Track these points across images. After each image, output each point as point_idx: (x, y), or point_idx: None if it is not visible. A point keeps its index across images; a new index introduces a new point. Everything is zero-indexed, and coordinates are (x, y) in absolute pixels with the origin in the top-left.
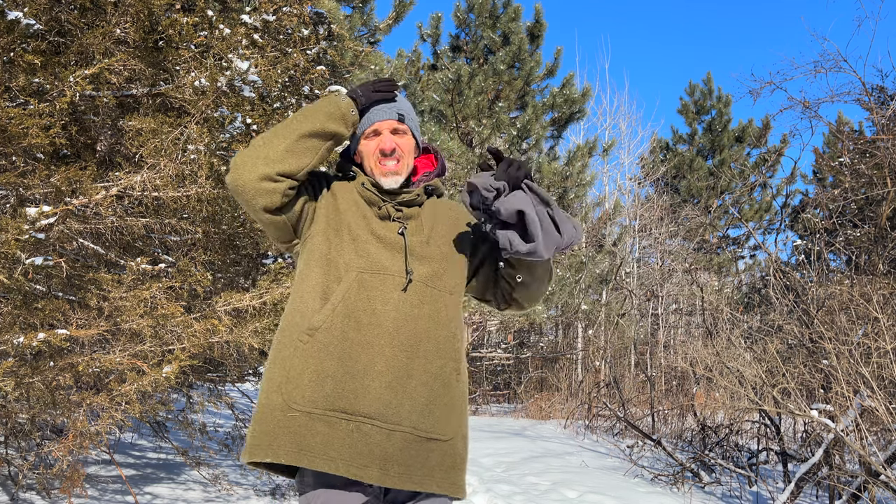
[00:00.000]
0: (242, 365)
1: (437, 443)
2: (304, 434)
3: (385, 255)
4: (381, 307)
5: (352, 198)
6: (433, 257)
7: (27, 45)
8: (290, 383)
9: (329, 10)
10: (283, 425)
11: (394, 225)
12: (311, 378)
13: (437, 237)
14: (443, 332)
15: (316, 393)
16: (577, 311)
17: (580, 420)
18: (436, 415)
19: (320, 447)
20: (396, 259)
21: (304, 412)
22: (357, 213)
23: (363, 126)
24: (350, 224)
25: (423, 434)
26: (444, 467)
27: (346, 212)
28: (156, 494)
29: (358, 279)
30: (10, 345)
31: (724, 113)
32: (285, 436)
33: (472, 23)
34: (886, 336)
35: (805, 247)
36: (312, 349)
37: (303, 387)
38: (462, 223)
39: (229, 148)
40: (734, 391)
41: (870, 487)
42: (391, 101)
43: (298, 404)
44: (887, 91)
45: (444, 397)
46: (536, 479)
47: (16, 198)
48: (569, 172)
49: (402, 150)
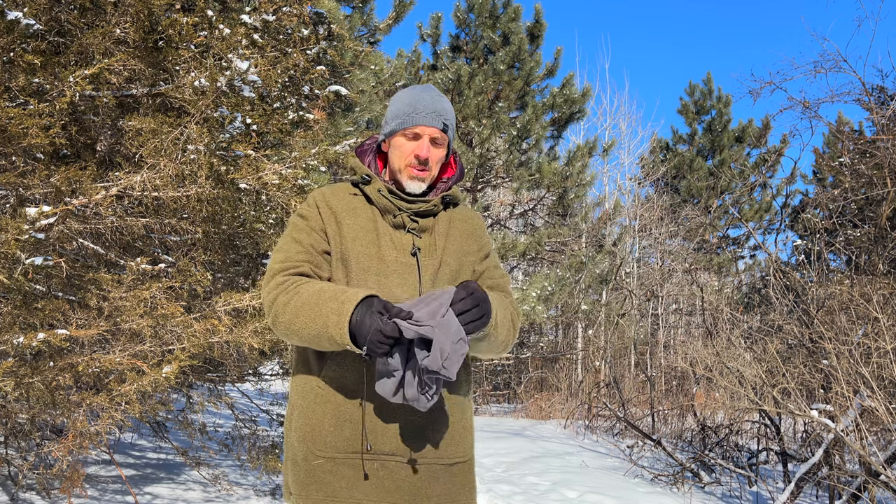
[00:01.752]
0: (242, 365)
1: (459, 465)
2: (329, 481)
3: (396, 283)
4: None
5: (357, 222)
6: (443, 278)
7: (27, 45)
8: (312, 431)
9: (329, 10)
10: (310, 475)
11: (407, 238)
12: (331, 423)
13: (449, 255)
14: None
15: (337, 438)
16: (577, 311)
17: (580, 420)
18: (456, 440)
19: (346, 491)
20: (408, 285)
21: (328, 458)
22: (365, 238)
23: (406, 123)
24: (359, 254)
25: (448, 461)
26: (466, 487)
27: (355, 240)
28: (156, 494)
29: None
30: (10, 345)
31: (724, 113)
32: (313, 485)
33: (472, 23)
34: (886, 336)
35: (805, 247)
36: (330, 394)
37: (324, 434)
38: (474, 238)
39: (229, 148)
40: (734, 391)
41: (870, 487)
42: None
43: (321, 451)
44: (887, 91)
45: (462, 421)
46: (536, 479)
47: (16, 198)
48: (569, 172)
49: (433, 161)
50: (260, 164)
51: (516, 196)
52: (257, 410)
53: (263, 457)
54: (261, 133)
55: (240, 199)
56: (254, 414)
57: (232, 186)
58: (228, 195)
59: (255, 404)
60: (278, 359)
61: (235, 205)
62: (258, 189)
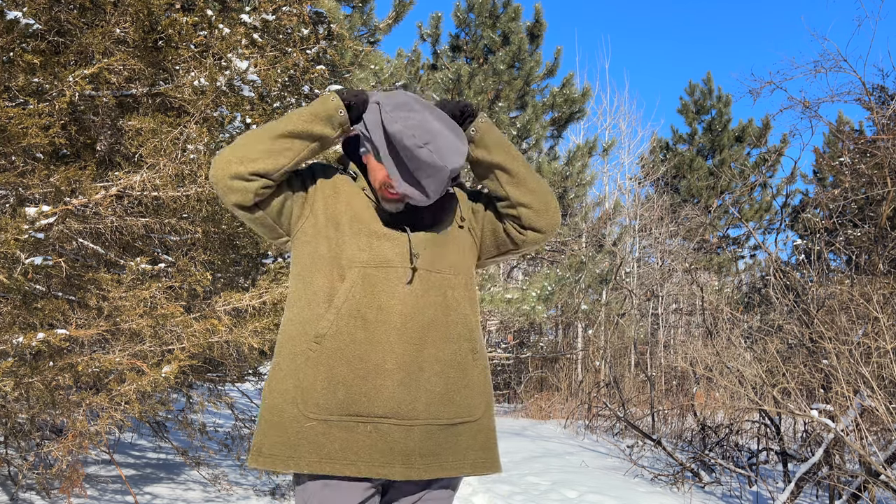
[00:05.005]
0: (242, 365)
1: (465, 425)
2: (322, 442)
3: (387, 245)
4: (386, 302)
5: (352, 188)
6: (437, 241)
7: (26, 45)
8: (304, 394)
9: (329, 10)
10: (301, 436)
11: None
12: (324, 386)
13: (440, 215)
14: (452, 315)
15: (329, 401)
16: (577, 311)
17: (580, 420)
18: (456, 401)
19: (340, 452)
20: (400, 248)
21: (321, 420)
22: (361, 203)
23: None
24: (351, 218)
25: (446, 421)
26: (476, 447)
27: (348, 203)
28: (155, 494)
29: (362, 275)
30: (10, 345)
31: (724, 113)
32: (305, 446)
33: (471, 22)
34: (886, 336)
35: (805, 247)
36: (322, 357)
37: (316, 396)
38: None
39: None
40: (734, 391)
41: (870, 487)
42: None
43: (314, 413)
44: (888, 91)
45: (462, 381)
46: (536, 479)
47: (15, 198)
48: (569, 172)
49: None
50: None
51: None
52: (257, 410)
53: None
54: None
55: None
56: (254, 414)
57: None
58: None
59: (255, 404)
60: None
61: None
62: None
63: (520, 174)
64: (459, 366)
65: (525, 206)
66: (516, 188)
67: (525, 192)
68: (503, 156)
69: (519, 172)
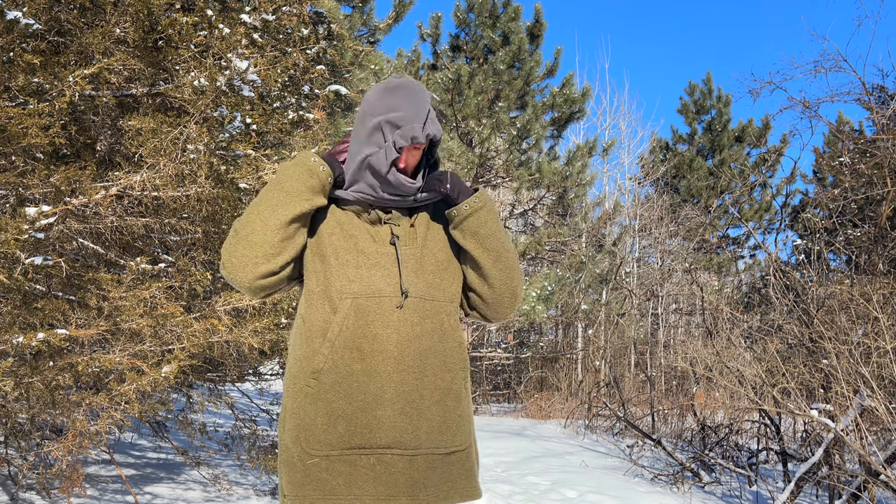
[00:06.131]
0: (242, 365)
1: (457, 454)
2: (326, 479)
3: (378, 274)
4: (381, 331)
5: (334, 218)
6: (428, 268)
7: (26, 45)
8: (306, 431)
9: (329, 10)
10: (305, 475)
11: (385, 230)
12: (324, 421)
13: (433, 243)
14: (448, 343)
15: (331, 436)
16: (577, 311)
17: (580, 420)
18: (452, 428)
19: (344, 487)
20: (391, 276)
21: (323, 456)
22: (341, 233)
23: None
24: (336, 248)
25: (444, 450)
26: (464, 476)
27: (331, 235)
28: (156, 494)
29: (353, 306)
30: (10, 345)
31: (724, 113)
32: (309, 485)
33: (472, 22)
34: (886, 336)
35: (805, 247)
36: (320, 392)
37: (318, 432)
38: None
39: (229, 147)
40: (734, 391)
41: (870, 487)
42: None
43: (316, 450)
44: (887, 90)
45: (457, 409)
46: (536, 478)
47: (15, 198)
48: (569, 172)
49: (409, 166)
50: (260, 163)
51: (516, 196)
52: (257, 410)
53: (263, 456)
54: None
55: (240, 199)
56: (254, 414)
57: (232, 186)
58: (228, 195)
59: (255, 404)
60: (278, 358)
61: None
62: (258, 189)
63: (485, 268)
64: (456, 394)
65: (478, 294)
66: (478, 277)
67: (484, 285)
68: (474, 246)
69: (485, 266)
